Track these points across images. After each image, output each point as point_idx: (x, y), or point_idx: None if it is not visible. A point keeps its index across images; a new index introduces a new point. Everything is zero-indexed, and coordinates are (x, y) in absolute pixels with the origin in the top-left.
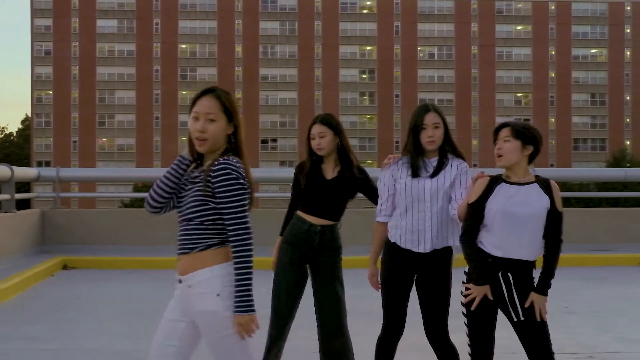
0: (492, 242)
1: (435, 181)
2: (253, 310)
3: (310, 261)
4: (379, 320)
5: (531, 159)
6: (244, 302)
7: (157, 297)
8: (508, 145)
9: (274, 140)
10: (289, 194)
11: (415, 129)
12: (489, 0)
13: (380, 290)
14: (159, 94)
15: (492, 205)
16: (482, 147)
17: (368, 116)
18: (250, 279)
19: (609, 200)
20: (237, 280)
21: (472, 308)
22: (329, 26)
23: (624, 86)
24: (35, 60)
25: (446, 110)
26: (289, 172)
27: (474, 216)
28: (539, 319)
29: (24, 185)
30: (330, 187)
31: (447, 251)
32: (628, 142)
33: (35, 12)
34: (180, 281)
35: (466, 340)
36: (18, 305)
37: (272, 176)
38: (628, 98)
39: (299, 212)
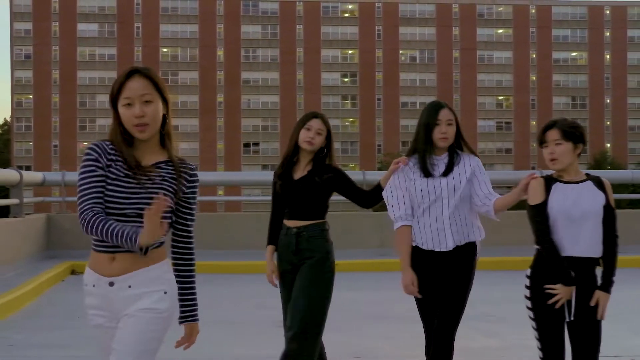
0: (557, 242)
1: (451, 179)
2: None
3: (296, 266)
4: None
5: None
6: (195, 310)
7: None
8: (561, 149)
9: (256, 144)
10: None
11: (428, 125)
12: (470, 4)
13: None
14: None
15: (551, 206)
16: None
17: (350, 119)
18: (194, 291)
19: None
20: (191, 288)
21: (557, 307)
22: (310, 30)
23: (604, 89)
24: (15, 64)
25: None
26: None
27: (542, 217)
28: (600, 317)
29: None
30: (298, 186)
31: (471, 247)
32: (608, 145)
33: (14, 16)
34: (111, 284)
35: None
36: (35, 311)
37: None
38: (608, 101)
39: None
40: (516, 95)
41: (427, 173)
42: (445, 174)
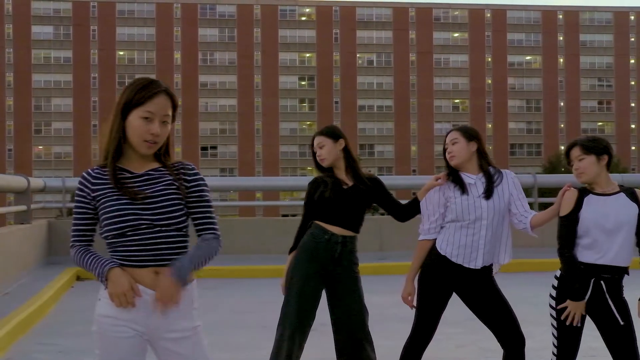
0: (588, 251)
1: (492, 202)
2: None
3: (328, 272)
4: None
5: (608, 166)
6: (188, 271)
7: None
8: (584, 163)
9: (214, 148)
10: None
11: (444, 151)
12: (426, 8)
13: (414, 307)
14: (96, 101)
15: (585, 216)
16: (421, 153)
17: (308, 123)
18: (202, 264)
19: None
20: (199, 256)
21: (575, 324)
22: (268, 33)
23: (558, 92)
24: None
25: (385, 116)
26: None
27: (569, 229)
28: None
29: None
30: (349, 195)
31: (490, 266)
32: (562, 147)
33: None
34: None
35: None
36: (64, 318)
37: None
38: (562, 104)
39: (318, 222)
40: (472, 99)
41: (464, 191)
42: (487, 196)
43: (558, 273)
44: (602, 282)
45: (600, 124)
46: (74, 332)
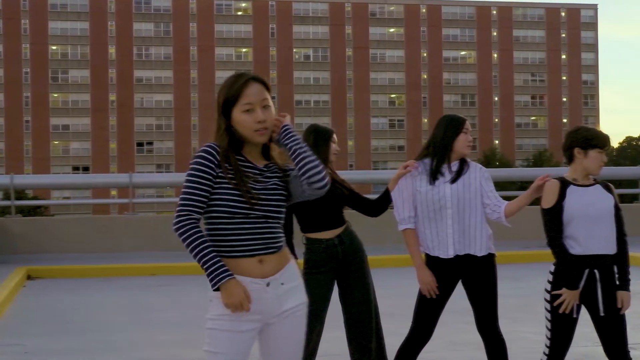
0: (574, 241)
1: (456, 187)
2: None
3: (340, 272)
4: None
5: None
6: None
7: (164, 302)
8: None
9: (150, 143)
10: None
11: (455, 132)
12: (362, 3)
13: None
14: (29, 97)
15: (570, 205)
16: (358, 147)
17: None
18: None
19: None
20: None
21: (567, 311)
22: (204, 28)
23: (492, 87)
24: None
25: (322, 111)
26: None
27: (556, 220)
28: (623, 312)
29: None
30: (324, 200)
31: (472, 259)
32: (497, 142)
33: None
34: (268, 284)
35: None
36: (21, 319)
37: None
38: (496, 99)
39: (307, 235)
40: (408, 93)
41: (433, 180)
42: (452, 182)
43: (553, 268)
44: (595, 271)
45: (533, 118)
46: (36, 332)
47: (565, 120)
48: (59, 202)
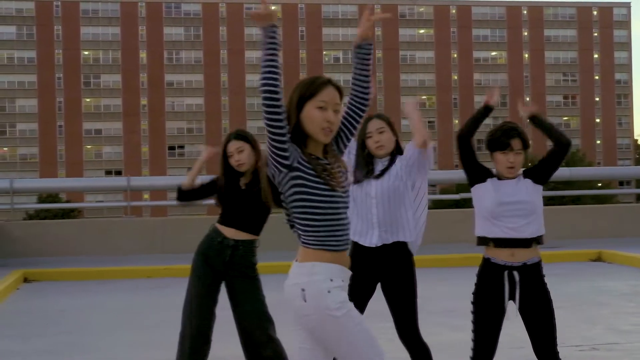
0: (493, 229)
1: (380, 182)
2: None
3: (222, 275)
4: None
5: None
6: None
7: (150, 304)
8: (521, 158)
9: (181, 147)
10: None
11: (362, 142)
12: (391, 4)
13: None
14: (62, 101)
15: (487, 190)
16: None
17: None
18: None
19: (554, 199)
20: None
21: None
22: (234, 31)
23: (524, 87)
24: None
25: None
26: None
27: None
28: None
29: None
30: (244, 196)
31: (400, 246)
32: (530, 142)
33: None
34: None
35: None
36: (10, 320)
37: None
38: (527, 99)
39: (215, 224)
40: (438, 95)
41: (357, 180)
42: (378, 177)
43: (478, 271)
44: (515, 272)
45: (565, 118)
46: (11, 334)
47: (598, 120)
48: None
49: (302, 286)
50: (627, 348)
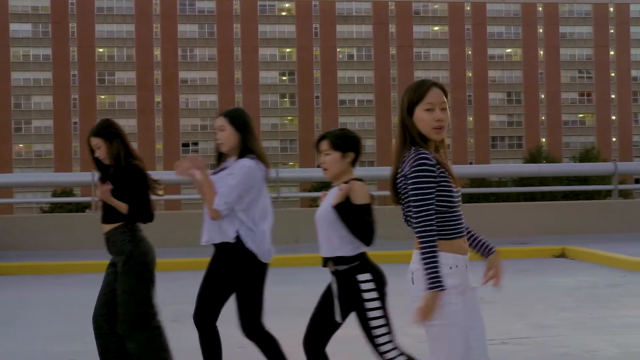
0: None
1: (215, 178)
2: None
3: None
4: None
5: (353, 163)
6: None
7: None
8: (329, 159)
9: (195, 144)
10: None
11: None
12: (405, 2)
13: None
14: (76, 98)
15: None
16: None
17: (289, 118)
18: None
19: (526, 195)
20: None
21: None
22: (248, 28)
23: (538, 84)
24: None
25: (366, 110)
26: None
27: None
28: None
29: None
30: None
31: (227, 247)
32: (543, 140)
33: None
34: (466, 260)
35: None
36: None
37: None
38: (542, 96)
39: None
40: (453, 92)
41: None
42: (215, 172)
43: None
44: (333, 275)
45: (581, 115)
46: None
47: (614, 118)
48: (22, 201)
49: (412, 270)
50: (537, 342)
